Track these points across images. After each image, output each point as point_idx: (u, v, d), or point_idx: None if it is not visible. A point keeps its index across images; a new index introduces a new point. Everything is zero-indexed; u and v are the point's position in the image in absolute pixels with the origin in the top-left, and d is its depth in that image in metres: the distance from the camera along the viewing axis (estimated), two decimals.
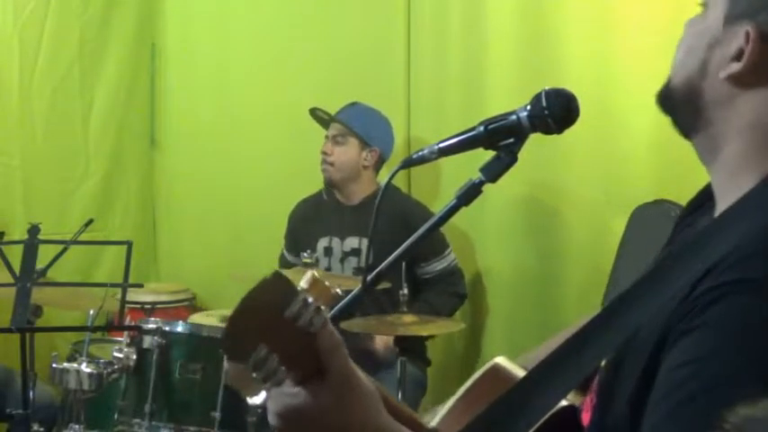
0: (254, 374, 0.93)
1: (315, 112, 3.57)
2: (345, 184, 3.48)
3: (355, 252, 3.44)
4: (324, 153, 3.46)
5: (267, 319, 0.90)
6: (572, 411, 1.31)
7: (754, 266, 0.92)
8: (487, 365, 1.44)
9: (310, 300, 0.92)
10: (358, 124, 3.46)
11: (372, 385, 1.01)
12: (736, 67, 1.04)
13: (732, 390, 0.88)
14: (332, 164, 3.44)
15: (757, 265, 0.92)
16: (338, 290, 0.99)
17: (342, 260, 3.46)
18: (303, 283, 0.96)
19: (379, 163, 3.51)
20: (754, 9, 1.03)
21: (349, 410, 0.97)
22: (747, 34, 1.03)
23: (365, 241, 3.41)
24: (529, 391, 1.03)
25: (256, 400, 0.98)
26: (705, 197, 1.16)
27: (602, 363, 1.11)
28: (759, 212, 0.99)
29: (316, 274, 0.98)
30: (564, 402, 1.31)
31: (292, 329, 0.92)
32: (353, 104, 3.52)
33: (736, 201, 1.04)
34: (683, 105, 1.11)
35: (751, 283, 0.91)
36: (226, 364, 0.97)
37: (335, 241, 3.48)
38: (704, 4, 1.11)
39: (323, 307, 0.94)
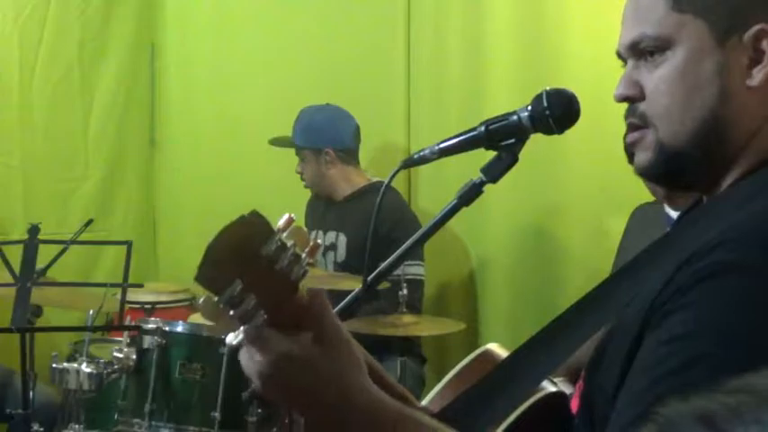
0: (231, 312, 0.92)
1: (273, 141, 3.67)
2: (324, 189, 3.57)
3: (333, 246, 3.50)
4: (297, 173, 3.58)
5: (243, 254, 0.91)
6: (562, 397, 1.32)
7: (734, 249, 0.93)
8: (479, 350, 1.45)
9: (289, 244, 0.93)
10: (301, 137, 3.52)
11: (359, 350, 1.02)
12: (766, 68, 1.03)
13: (711, 367, 0.89)
14: (304, 180, 3.58)
15: (737, 249, 0.93)
16: (319, 240, 0.99)
17: (324, 254, 3.52)
18: (280, 224, 0.96)
19: (344, 155, 3.51)
20: (754, 11, 1.03)
21: (338, 365, 0.97)
22: (760, 34, 1.02)
23: (341, 236, 3.49)
24: (512, 371, 1.05)
25: (231, 338, 0.98)
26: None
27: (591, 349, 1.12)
28: (742, 202, 1.01)
29: (293, 216, 0.98)
30: (554, 389, 1.32)
31: (270, 272, 0.92)
32: (298, 116, 3.55)
33: (721, 191, 1.07)
34: (702, 154, 1.06)
35: (731, 265, 0.93)
36: (200, 302, 0.96)
37: (319, 235, 3.56)
38: (653, 49, 1.06)
39: (302, 254, 0.94)
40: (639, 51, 1.08)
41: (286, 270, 0.93)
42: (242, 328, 0.94)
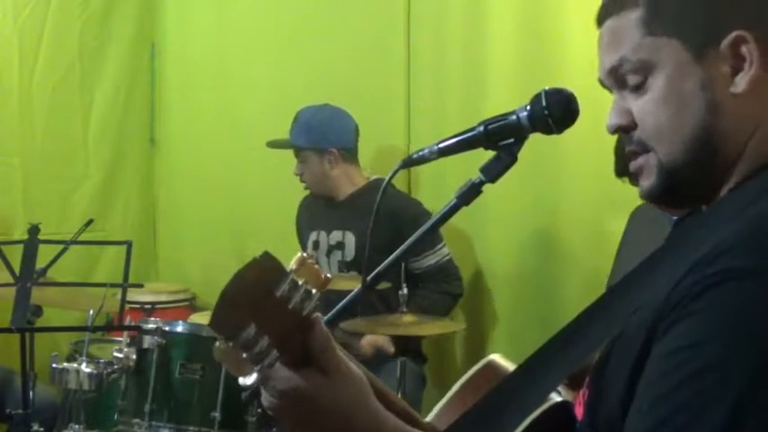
0: (245, 355, 0.93)
1: (271, 144, 3.64)
2: (327, 190, 3.54)
3: (339, 245, 3.49)
4: (296, 174, 3.54)
5: (257, 298, 0.92)
6: (566, 407, 1.31)
7: (739, 256, 0.93)
8: (482, 362, 1.45)
9: (300, 282, 0.94)
10: (303, 138, 3.48)
11: (362, 373, 1.05)
12: (751, 72, 1.03)
13: (719, 377, 0.89)
14: (305, 181, 3.55)
15: (742, 255, 0.93)
16: (329, 274, 1.01)
17: (328, 254, 3.52)
18: (292, 264, 0.97)
19: (348, 155, 3.50)
20: (726, 20, 1.04)
21: (343, 396, 1.02)
22: (737, 41, 1.03)
23: (348, 234, 3.47)
24: (518, 385, 1.05)
25: (247, 380, 0.99)
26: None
27: (595, 356, 1.12)
28: (742, 207, 1.01)
29: (305, 255, 1.00)
30: (558, 398, 1.32)
31: (284, 311, 0.93)
32: (296, 117, 3.51)
33: (722, 197, 1.07)
34: (701, 169, 1.06)
35: (737, 272, 0.92)
36: (218, 345, 0.97)
37: (322, 235, 3.55)
38: (634, 73, 1.08)
39: (313, 290, 0.95)
40: (621, 77, 1.10)
41: (298, 308, 0.94)
42: (255, 368, 0.96)
